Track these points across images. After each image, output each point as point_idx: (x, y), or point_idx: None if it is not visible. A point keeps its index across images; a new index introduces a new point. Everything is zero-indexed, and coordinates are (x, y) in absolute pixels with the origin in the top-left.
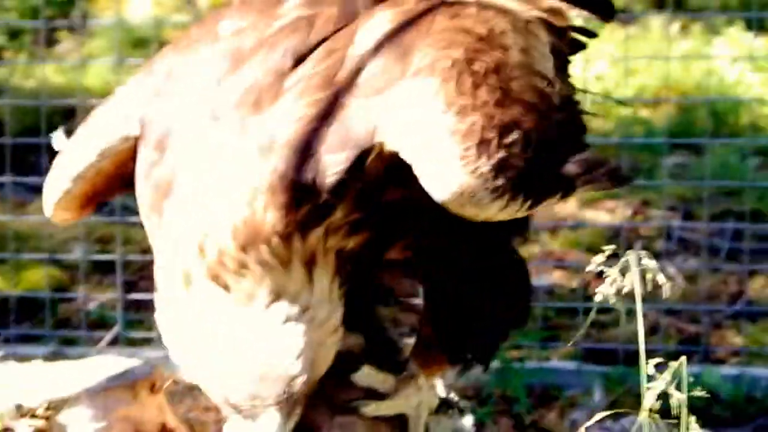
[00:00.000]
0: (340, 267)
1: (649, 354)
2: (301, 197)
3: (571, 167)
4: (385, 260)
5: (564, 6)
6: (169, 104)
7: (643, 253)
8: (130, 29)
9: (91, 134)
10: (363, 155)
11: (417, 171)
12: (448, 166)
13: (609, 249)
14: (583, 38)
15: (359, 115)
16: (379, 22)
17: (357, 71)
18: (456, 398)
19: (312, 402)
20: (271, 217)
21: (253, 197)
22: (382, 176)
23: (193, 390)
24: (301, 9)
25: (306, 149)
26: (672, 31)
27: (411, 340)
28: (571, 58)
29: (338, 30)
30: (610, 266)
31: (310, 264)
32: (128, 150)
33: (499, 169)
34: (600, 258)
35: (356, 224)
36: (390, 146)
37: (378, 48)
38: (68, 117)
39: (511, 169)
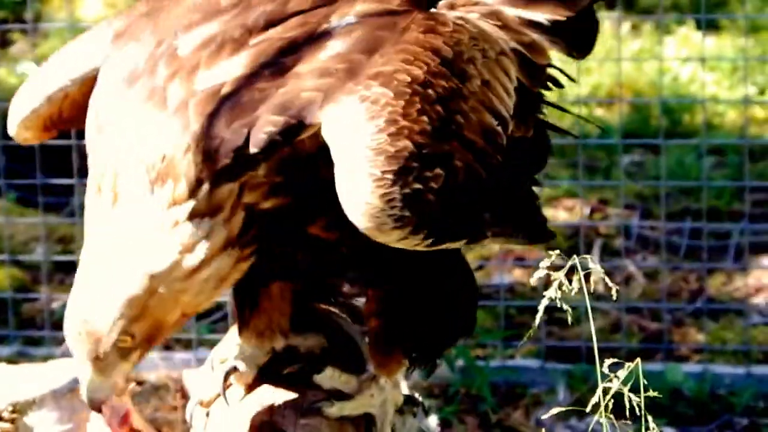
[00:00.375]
0: (247, 225)
1: (613, 352)
2: (227, 148)
3: (487, 217)
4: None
5: (546, 43)
6: (135, 39)
7: (589, 256)
8: (82, 30)
9: (63, 61)
10: (299, 127)
11: (336, 175)
12: (362, 185)
13: (555, 253)
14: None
15: (309, 89)
16: (357, 10)
17: (320, 48)
18: (420, 397)
19: (277, 404)
20: (188, 160)
21: (180, 139)
22: (314, 152)
23: (159, 390)
24: None
25: (248, 103)
26: (623, 31)
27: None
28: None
29: (318, 7)
30: (561, 267)
31: (209, 212)
32: (94, 80)
33: (410, 200)
34: (547, 262)
35: (277, 187)
36: (324, 135)
37: (348, 33)
38: None
39: (422, 204)
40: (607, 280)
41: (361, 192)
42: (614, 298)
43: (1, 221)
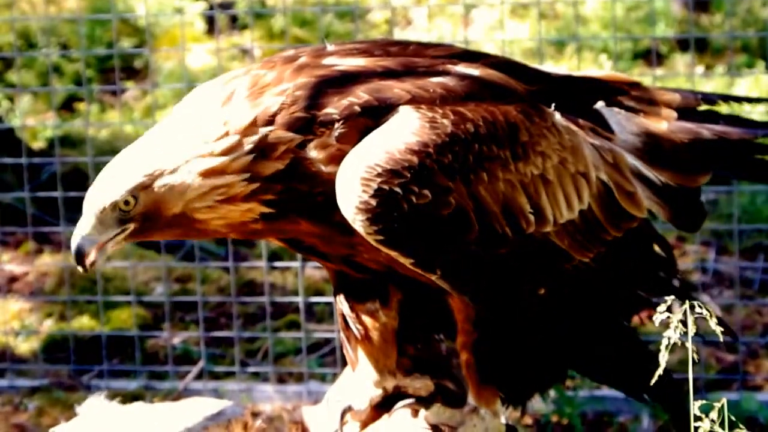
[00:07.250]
0: (279, 177)
1: (692, 382)
2: (308, 103)
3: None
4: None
5: (650, 202)
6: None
7: (698, 302)
8: (191, 78)
9: None
10: (378, 108)
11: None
12: (360, 163)
13: (670, 299)
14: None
15: (402, 89)
16: (484, 71)
17: (433, 75)
18: (519, 428)
19: None
20: (276, 99)
21: (284, 83)
22: None
23: (274, 420)
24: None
25: (349, 81)
26: (696, 73)
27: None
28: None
29: (453, 57)
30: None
31: (258, 144)
32: None
33: (381, 195)
34: (663, 307)
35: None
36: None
37: (462, 78)
38: None
39: (391, 205)
40: (713, 323)
41: (355, 166)
42: (721, 340)
43: (124, 264)
